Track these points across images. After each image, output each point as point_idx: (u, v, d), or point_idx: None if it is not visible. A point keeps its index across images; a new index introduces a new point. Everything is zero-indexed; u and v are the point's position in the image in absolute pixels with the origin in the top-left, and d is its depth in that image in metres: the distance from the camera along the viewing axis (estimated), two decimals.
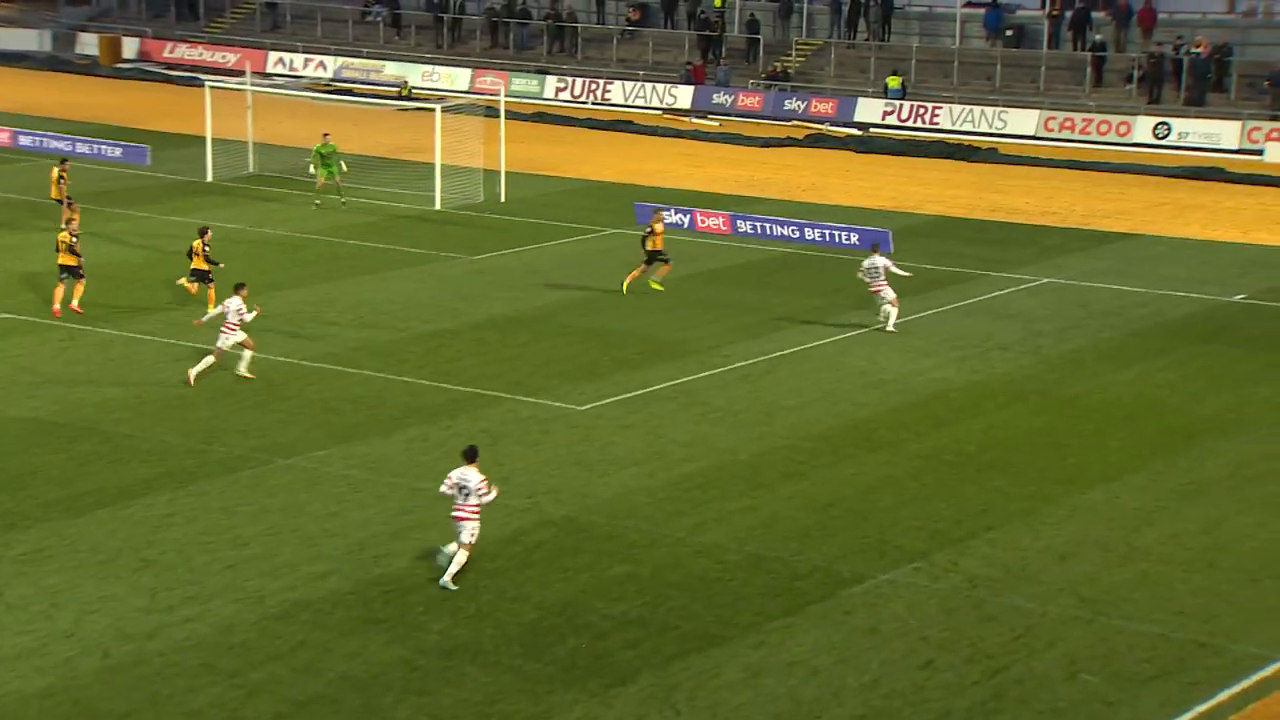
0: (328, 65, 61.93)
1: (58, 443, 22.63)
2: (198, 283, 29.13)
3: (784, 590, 18.34)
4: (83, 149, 43.73)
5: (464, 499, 18.03)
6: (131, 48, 65.16)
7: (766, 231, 36.78)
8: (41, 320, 28.75)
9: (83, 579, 18.23)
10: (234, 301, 25.36)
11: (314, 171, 39.35)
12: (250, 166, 42.89)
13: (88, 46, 65.81)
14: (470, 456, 18.18)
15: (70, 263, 28.88)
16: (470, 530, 18.05)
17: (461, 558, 18.08)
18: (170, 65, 63.68)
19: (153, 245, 35.08)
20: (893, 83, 54.46)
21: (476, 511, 18.06)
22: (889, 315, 28.89)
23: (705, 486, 21.51)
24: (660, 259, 31.43)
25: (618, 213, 39.04)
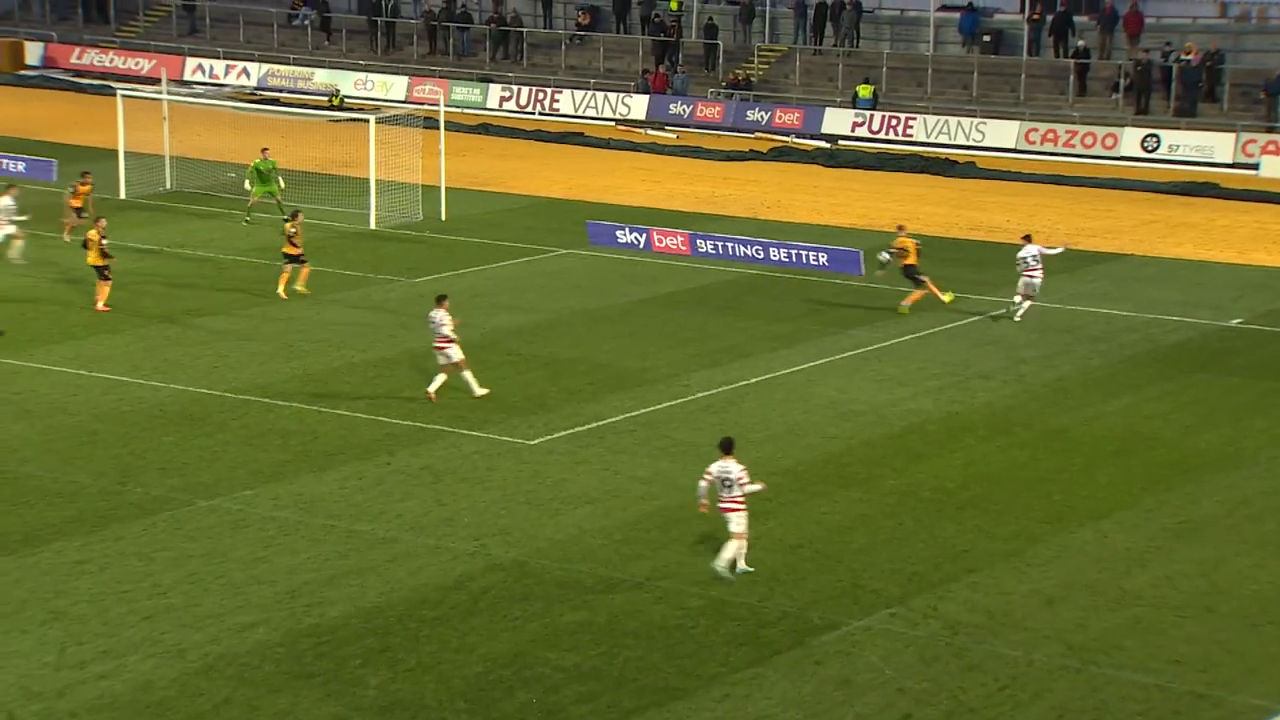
0: (251, 72, 61.91)
1: None
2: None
3: (750, 639, 18.39)
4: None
5: (727, 491, 19.75)
6: (35, 53, 64.92)
7: (729, 252, 36.98)
8: None
9: None
10: (439, 314, 26.20)
11: (249, 188, 39.33)
12: (168, 183, 42.78)
13: None
14: (727, 448, 19.90)
15: (99, 262, 31.24)
16: (739, 520, 19.72)
17: (739, 545, 19.79)
18: (79, 72, 63.53)
19: (60, 269, 34.90)
20: (864, 92, 54.90)
21: (743, 501, 19.74)
22: (1022, 308, 31.76)
23: (665, 527, 21.56)
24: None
25: (568, 232, 39.16)
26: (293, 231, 32.65)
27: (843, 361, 29.39)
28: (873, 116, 54.11)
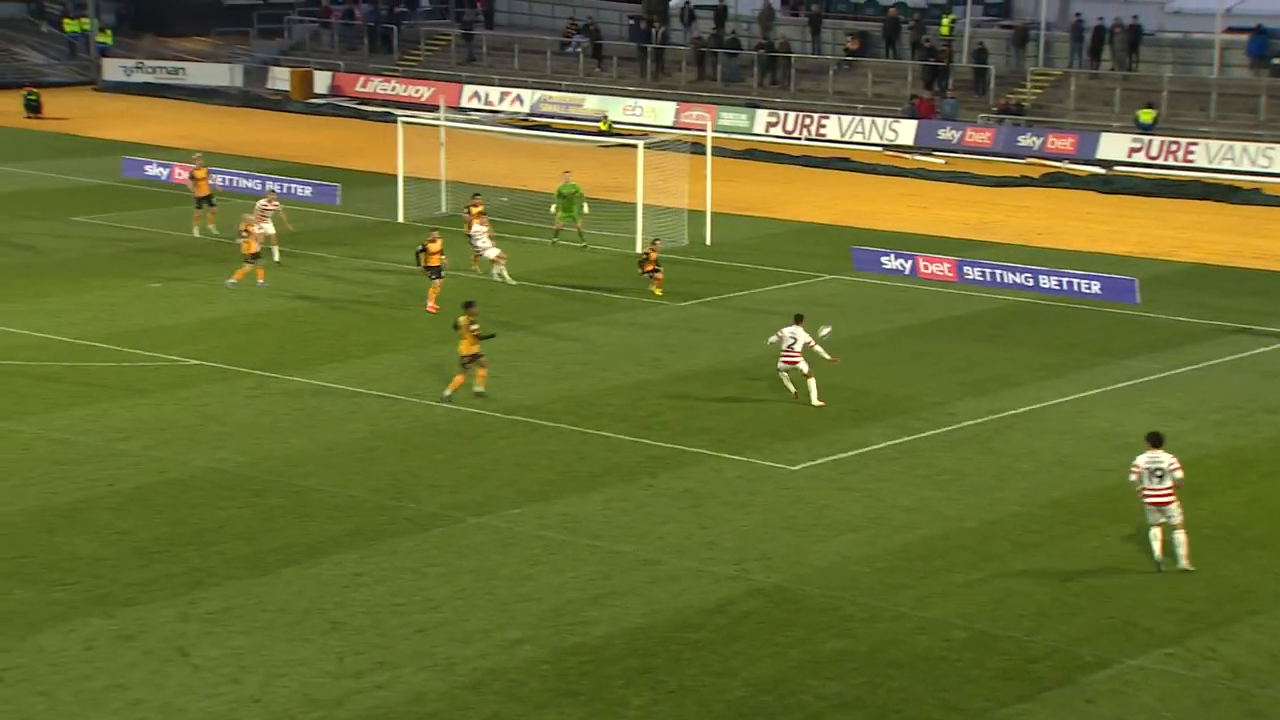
0: (525, 99, 63.33)
1: (244, 495, 23.47)
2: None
3: (1018, 673, 18.03)
4: (273, 188, 45.40)
5: (1157, 482, 20.35)
6: (324, 82, 67.55)
7: (997, 279, 36.34)
8: (230, 367, 29.88)
9: (270, 640, 18.83)
10: (791, 330, 27.36)
11: (554, 211, 40.15)
12: (443, 206, 44.03)
13: (279, 81, 68.45)
14: (1156, 441, 20.57)
15: (433, 263, 33.71)
16: (1176, 511, 20.37)
17: (1182, 537, 20.31)
18: (363, 100, 65.83)
19: (343, 289, 36.22)
20: (1145, 116, 53.42)
21: (1174, 490, 20.33)
22: None
23: (929, 557, 21.29)
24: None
25: (833, 257, 39.00)
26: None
27: (1116, 392, 28.60)
28: (1151, 142, 52.61)
